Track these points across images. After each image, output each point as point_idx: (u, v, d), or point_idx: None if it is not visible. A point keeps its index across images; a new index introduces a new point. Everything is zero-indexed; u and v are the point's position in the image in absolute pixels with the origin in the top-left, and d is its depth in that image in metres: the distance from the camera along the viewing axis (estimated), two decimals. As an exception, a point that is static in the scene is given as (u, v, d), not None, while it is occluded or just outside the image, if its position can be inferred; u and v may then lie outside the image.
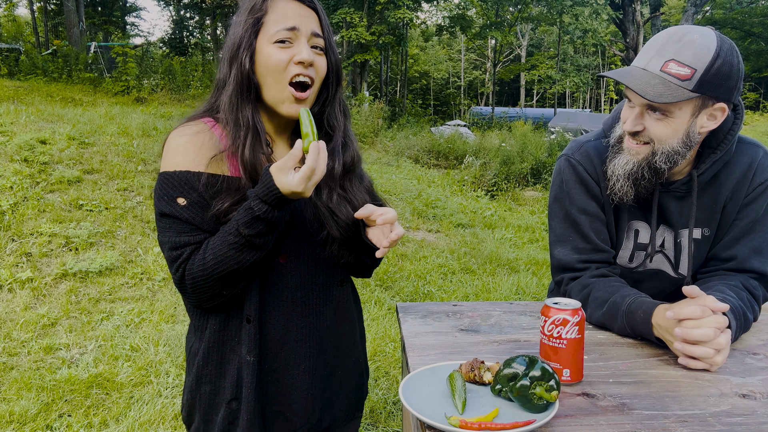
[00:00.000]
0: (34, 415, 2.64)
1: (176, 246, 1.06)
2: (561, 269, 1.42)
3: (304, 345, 1.15)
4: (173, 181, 1.05)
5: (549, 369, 0.92)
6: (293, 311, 1.13)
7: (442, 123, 21.27)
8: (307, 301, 1.15)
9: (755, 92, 44.11)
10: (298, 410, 1.15)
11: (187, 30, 32.01)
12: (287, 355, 1.14)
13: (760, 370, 1.10)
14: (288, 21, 1.06)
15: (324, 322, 1.18)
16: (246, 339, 1.09)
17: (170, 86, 12.35)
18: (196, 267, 1.04)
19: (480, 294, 4.60)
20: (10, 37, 28.83)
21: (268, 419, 1.14)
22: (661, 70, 1.17)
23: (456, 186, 9.04)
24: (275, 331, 1.12)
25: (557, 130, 12.09)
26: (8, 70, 13.09)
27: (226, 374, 1.12)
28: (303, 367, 1.15)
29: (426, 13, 35.63)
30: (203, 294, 1.06)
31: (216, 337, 1.13)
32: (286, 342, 1.13)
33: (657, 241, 1.40)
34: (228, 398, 1.11)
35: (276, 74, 1.07)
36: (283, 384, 1.14)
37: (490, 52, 40.13)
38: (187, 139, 1.08)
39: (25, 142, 5.79)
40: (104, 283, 4.09)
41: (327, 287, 1.18)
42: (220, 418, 1.12)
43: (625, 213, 1.39)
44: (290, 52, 1.06)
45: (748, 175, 1.32)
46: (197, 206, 1.06)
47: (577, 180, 1.40)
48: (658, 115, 1.20)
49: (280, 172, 0.97)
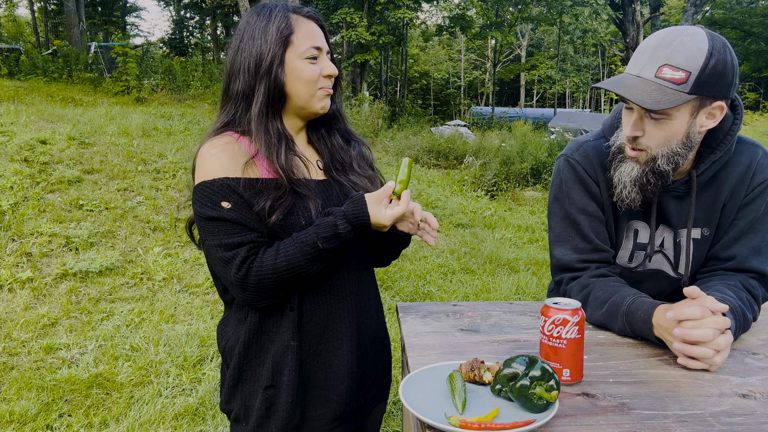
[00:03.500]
0: (34, 415, 2.64)
1: (230, 246, 1.10)
2: (561, 269, 1.42)
3: (344, 326, 1.22)
4: (214, 188, 1.11)
5: (549, 369, 0.92)
6: (332, 294, 1.21)
7: (442, 123, 21.27)
8: (344, 283, 1.23)
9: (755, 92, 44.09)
10: (342, 390, 1.22)
11: (187, 30, 32.03)
12: (330, 338, 1.21)
13: (760, 370, 1.10)
14: (314, 40, 1.20)
15: (359, 303, 1.26)
16: (289, 326, 1.17)
17: (170, 86, 12.35)
18: (265, 268, 1.09)
19: (480, 294, 4.60)
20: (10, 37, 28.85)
21: (308, 403, 1.21)
22: (656, 77, 1.16)
23: (456, 186, 9.04)
24: (317, 315, 1.20)
25: (557, 130, 12.09)
26: (8, 70, 13.10)
27: (265, 362, 1.19)
28: (345, 347, 1.22)
29: (426, 13, 35.62)
30: (265, 293, 1.12)
31: (256, 329, 1.19)
32: (327, 324, 1.21)
33: (656, 240, 1.40)
34: (264, 385, 1.18)
35: (309, 85, 1.20)
36: (329, 366, 1.21)
37: (490, 52, 40.13)
38: (219, 149, 1.14)
39: (26, 142, 5.79)
40: (104, 283, 4.09)
41: (358, 270, 1.27)
42: (258, 404, 1.19)
43: (624, 213, 1.39)
44: (318, 67, 1.21)
45: (747, 174, 1.32)
46: (242, 207, 1.12)
47: (576, 180, 1.39)
48: (657, 118, 1.19)
49: (376, 203, 1.11)
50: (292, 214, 1.15)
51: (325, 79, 1.22)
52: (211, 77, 13.63)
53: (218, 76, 13.76)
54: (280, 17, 1.18)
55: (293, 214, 1.15)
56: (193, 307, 3.93)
